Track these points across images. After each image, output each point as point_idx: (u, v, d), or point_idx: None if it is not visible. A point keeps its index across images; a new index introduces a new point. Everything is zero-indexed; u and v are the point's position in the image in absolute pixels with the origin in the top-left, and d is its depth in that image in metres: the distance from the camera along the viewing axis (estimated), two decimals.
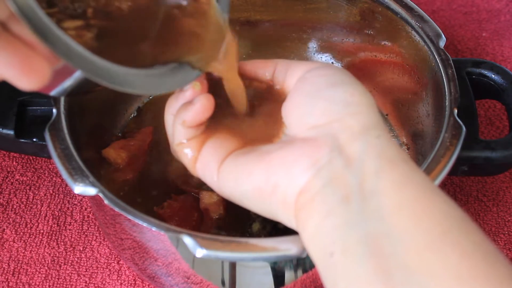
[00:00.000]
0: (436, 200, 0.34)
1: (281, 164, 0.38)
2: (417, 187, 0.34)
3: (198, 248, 0.40)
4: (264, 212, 0.40)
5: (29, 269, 0.55)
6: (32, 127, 0.51)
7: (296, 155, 0.38)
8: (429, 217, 0.33)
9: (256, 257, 0.42)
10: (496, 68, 0.54)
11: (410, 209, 0.33)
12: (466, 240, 0.32)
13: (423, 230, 0.32)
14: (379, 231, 0.32)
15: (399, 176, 0.34)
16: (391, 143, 0.37)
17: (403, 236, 0.32)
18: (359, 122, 0.37)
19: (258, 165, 0.39)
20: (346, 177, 0.35)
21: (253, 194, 0.39)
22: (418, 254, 0.31)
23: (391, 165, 0.35)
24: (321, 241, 0.35)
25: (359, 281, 0.32)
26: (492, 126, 0.65)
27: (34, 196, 0.59)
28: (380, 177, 0.34)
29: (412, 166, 0.36)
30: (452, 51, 0.72)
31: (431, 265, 0.31)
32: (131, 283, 0.54)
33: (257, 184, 0.39)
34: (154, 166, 0.56)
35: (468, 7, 0.77)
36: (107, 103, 0.58)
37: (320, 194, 0.35)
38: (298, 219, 0.37)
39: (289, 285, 0.46)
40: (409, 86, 0.58)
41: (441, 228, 0.32)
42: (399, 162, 0.35)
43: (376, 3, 0.58)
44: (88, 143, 0.52)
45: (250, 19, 0.63)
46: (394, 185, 0.34)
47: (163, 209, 0.51)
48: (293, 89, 0.42)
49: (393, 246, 0.32)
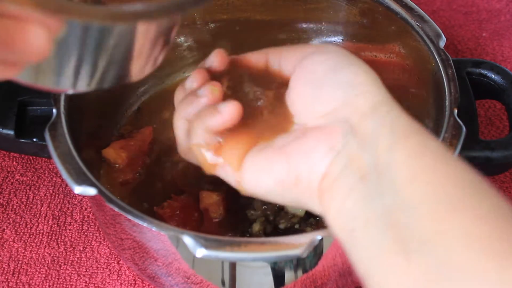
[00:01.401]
0: (450, 167, 0.34)
1: (299, 155, 0.39)
2: (431, 156, 0.34)
3: (198, 248, 0.40)
4: (289, 202, 0.41)
5: (29, 269, 0.55)
6: (32, 127, 0.51)
7: (312, 144, 0.38)
8: (442, 184, 0.33)
9: (256, 257, 0.42)
10: (496, 68, 0.54)
11: (424, 178, 0.33)
12: (481, 204, 0.32)
13: (436, 198, 0.32)
14: (395, 203, 0.33)
15: (412, 147, 0.35)
16: (402, 116, 0.37)
17: (417, 205, 0.33)
18: (367, 101, 0.38)
19: (277, 161, 0.40)
20: (362, 157, 0.36)
21: (277, 188, 0.40)
22: (431, 222, 0.32)
23: (404, 137, 0.35)
24: (343, 219, 0.36)
25: (380, 253, 0.33)
26: (492, 126, 0.65)
27: (34, 196, 0.59)
28: (393, 151, 0.35)
29: (425, 136, 0.36)
30: (452, 51, 0.72)
31: (444, 231, 0.31)
32: (131, 283, 0.54)
33: (280, 178, 0.39)
34: (154, 166, 0.56)
35: (468, 7, 0.77)
36: (107, 103, 0.58)
37: (340, 177, 0.36)
38: (322, 203, 0.38)
39: (289, 285, 0.46)
40: (409, 86, 0.58)
41: (455, 195, 0.32)
42: (412, 134, 0.36)
43: (376, 3, 0.58)
44: (88, 143, 0.52)
45: (250, 19, 0.63)
46: (407, 157, 0.34)
47: (163, 209, 0.51)
48: (294, 79, 0.42)
49: (408, 216, 0.32)
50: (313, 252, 0.43)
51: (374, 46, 0.61)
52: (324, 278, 0.47)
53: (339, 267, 0.47)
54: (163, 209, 0.51)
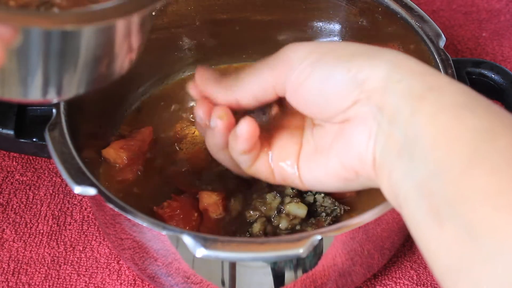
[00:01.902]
0: (465, 118, 0.34)
1: (346, 153, 0.41)
2: (447, 113, 0.35)
3: (198, 248, 0.40)
4: (357, 189, 0.44)
5: (29, 269, 0.55)
6: (32, 127, 0.51)
7: (352, 139, 0.40)
8: (460, 140, 0.34)
9: (256, 257, 0.42)
10: (496, 68, 0.54)
11: (443, 139, 0.34)
12: (496, 154, 0.32)
13: (455, 157, 0.33)
14: (426, 173, 0.34)
15: (429, 110, 0.35)
16: (412, 77, 0.37)
17: (442, 170, 0.33)
18: (376, 80, 0.38)
19: (330, 163, 0.42)
20: (394, 134, 0.37)
21: (341, 184, 0.42)
22: (453, 184, 0.33)
23: (420, 101, 0.36)
24: (392, 197, 0.38)
25: (419, 226, 0.34)
26: None
27: (34, 196, 0.59)
28: (415, 119, 0.36)
29: (438, 90, 0.36)
30: (452, 51, 0.72)
31: (463, 191, 0.32)
32: (131, 283, 0.54)
33: (341, 176, 0.42)
34: (154, 166, 0.56)
35: (468, 7, 0.77)
36: (107, 103, 0.58)
37: (383, 158, 0.38)
38: (377, 182, 0.39)
39: (289, 285, 0.46)
40: None
41: (470, 149, 0.33)
42: (425, 94, 0.36)
43: (376, 3, 0.58)
44: (88, 143, 0.52)
45: (250, 19, 0.63)
46: (427, 121, 0.35)
47: (163, 209, 0.51)
48: (295, 102, 0.42)
49: (436, 183, 0.33)
50: (313, 252, 0.43)
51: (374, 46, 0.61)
52: (324, 278, 0.47)
53: (339, 267, 0.47)
54: (163, 209, 0.51)
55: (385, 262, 0.53)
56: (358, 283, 0.52)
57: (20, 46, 0.32)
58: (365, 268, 0.50)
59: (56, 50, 0.33)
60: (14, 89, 0.34)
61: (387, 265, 0.55)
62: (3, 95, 0.35)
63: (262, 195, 0.51)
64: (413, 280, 0.54)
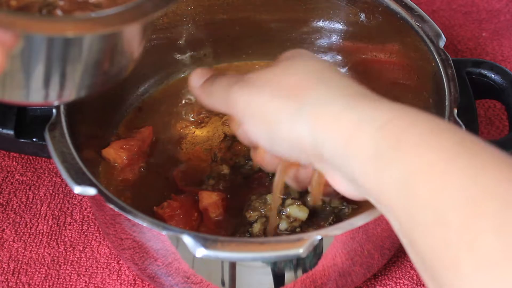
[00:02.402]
0: (436, 135, 0.35)
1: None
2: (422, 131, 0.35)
3: (198, 248, 0.40)
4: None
5: (29, 269, 0.55)
6: (32, 127, 0.51)
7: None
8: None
9: (256, 257, 0.42)
10: (496, 68, 0.54)
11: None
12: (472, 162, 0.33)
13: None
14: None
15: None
16: (362, 106, 0.38)
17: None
18: (319, 148, 0.38)
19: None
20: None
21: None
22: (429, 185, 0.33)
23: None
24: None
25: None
26: (492, 126, 0.65)
27: (34, 196, 0.59)
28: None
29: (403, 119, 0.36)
30: (452, 51, 0.72)
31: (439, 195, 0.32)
32: (131, 283, 0.54)
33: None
34: (154, 166, 0.56)
35: (468, 7, 0.77)
36: (107, 103, 0.58)
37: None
38: None
39: (289, 285, 0.46)
40: (409, 86, 0.58)
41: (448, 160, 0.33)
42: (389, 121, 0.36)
43: (376, 3, 0.58)
44: (88, 143, 0.52)
45: (250, 19, 0.63)
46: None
47: (163, 209, 0.51)
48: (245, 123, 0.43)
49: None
50: (313, 252, 0.43)
51: (374, 46, 0.61)
52: (324, 278, 0.47)
53: (339, 267, 0.47)
54: (163, 209, 0.51)
55: (385, 262, 0.53)
56: (358, 283, 0.51)
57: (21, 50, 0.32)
58: (365, 268, 0.50)
59: (57, 55, 0.33)
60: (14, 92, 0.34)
61: (387, 265, 0.55)
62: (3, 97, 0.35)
63: (262, 196, 0.51)
64: (413, 280, 0.54)
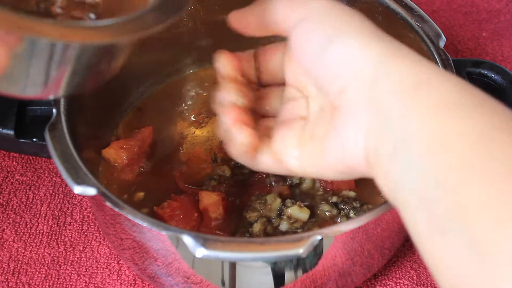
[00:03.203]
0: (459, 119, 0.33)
1: (340, 146, 0.39)
2: (439, 112, 0.34)
3: (198, 248, 0.40)
4: (355, 178, 0.43)
5: (29, 269, 0.55)
6: (32, 127, 0.51)
7: (344, 131, 0.38)
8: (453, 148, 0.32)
9: (256, 257, 0.42)
10: (496, 68, 0.54)
11: (436, 147, 0.33)
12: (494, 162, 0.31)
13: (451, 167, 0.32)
14: (423, 182, 0.33)
15: (420, 107, 0.34)
16: (401, 69, 0.36)
17: (437, 180, 0.32)
18: (368, 69, 0.37)
19: (324, 155, 0.41)
20: (386, 130, 0.36)
21: (337, 175, 0.41)
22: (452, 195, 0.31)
23: (410, 97, 0.35)
24: (392, 200, 0.36)
25: (421, 234, 0.33)
26: None
27: (34, 196, 0.59)
28: (405, 122, 0.34)
29: (427, 87, 0.35)
30: (452, 51, 0.72)
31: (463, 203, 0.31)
32: (131, 283, 0.54)
33: (338, 170, 0.40)
34: (154, 166, 0.56)
35: (468, 7, 0.77)
36: (107, 103, 0.58)
37: (376, 156, 0.36)
38: (374, 178, 0.38)
39: (289, 285, 0.46)
40: None
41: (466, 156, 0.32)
42: (417, 87, 0.35)
43: (376, 3, 0.58)
44: (88, 143, 0.52)
45: None
46: (418, 125, 0.34)
47: (163, 209, 0.51)
48: (293, 49, 0.43)
49: (434, 193, 0.32)
50: (313, 252, 0.43)
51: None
52: (324, 278, 0.47)
53: (339, 267, 0.47)
54: (163, 209, 0.51)
55: (385, 262, 0.53)
56: (358, 283, 0.52)
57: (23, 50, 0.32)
58: (365, 268, 0.50)
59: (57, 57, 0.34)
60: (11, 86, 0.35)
61: (387, 265, 0.55)
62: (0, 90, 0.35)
63: (262, 197, 0.51)
64: (413, 280, 0.54)
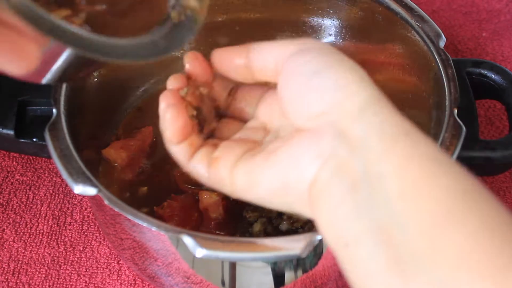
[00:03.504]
0: (439, 175, 0.33)
1: (287, 162, 0.38)
2: (419, 165, 0.33)
3: (198, 248, 0.40)
4: (280, 208, 0.40)
5: (29, 269, 0.55)
6: (32, 127, 0.51)
7: (300, 150, 0.37)
8: (433, 197, 0.32)
9: (256, 257, 0.42)
10: (496, 68, 0.53)
11: (413, 192, 0.32)
12: (475, 216, 0.31)
13: (427, 213, 0.31)
14: (387, 219, 0.32)
15: (401, 155, 0.33)
16: (390, 117, 0.36)
17: (409, 222, 0.31)
18: (355, 103, 0.36)
19: (267, 168, 0.39)
20: (352, 163, 0.34)
21: (268, 196, 0.39)
22: (424, 239, 0.31)
23: (393, 142, 0.34)
24: (335, 231, 0.35)
25: (374, 273, 0.32)
26: (492, 126, 0.65)
27: (34, 196, 0.59)
28: (383, 159, 0.34)
29: (414, 138, 0.35)
30: (452, 51, 0.72)
31: (437, 249, 0.30)
32: (131, 283, 0.54)
33: (270, 187, 0.39)
34: (154, 166, 0.56)
35: (468, 7, 0.77)
36: (107, 103, 0.58)
37: (329, 185, 0.35)
38: (313, 211, 0.36)
39: (289, 285, 0.46)
40: (409, 86, 0.58)
41: (446, 207, 0.31)
42: (401, 137, 0.34)
43: (376, 3, 0.58)
44: (88, 143, 0.52)
45: (250, 19, 0.63)
46: (397, 168, 0.33)
47: (163, 209, 0.51)
48: (281, 81, 0.40)
49: (401, 233, 0.31)
50: (313, 252, 0.43)
51: (374, 46, 0.61)
52: (324, 278, 0.47)
53: (339, 267, 0.47)
54: (163, 209, 0.51)
55: None
56: None
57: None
58: None
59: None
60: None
61: None
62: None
63: None
64: None
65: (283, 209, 0.40)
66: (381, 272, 0.31)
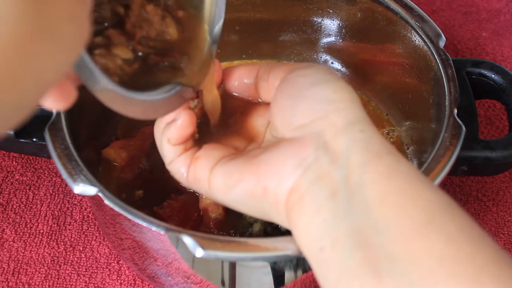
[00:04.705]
0: (421, 189, 0.34)
1: (269, 166, 0.38)
2: (402, 177, 0.34)
3: (198, 248, 0.40)
4: (257, 214, 0.41)
5: (29, 269, 0.55)
6: (32, 127, 0.51)
7: (282, 156, 0.38)
8: (413, 206, 0.33)
9: (256, 257, 0.42)
10: (496, 68, 0.54)
11: (395, 199, 0.33)
12: (451, 225, 0.32)
13: (408, 219, 0.32)
14: (366, 223, 0.33)
15: (384, 168, 0.35)
16: (376, 136, 0.37)
17: (389, 226, 0.32)
18: (343, 118, 0.37)
19: (247, 170, 0.39)
20: (332, 174, 0.35)
21: (245, 199, 0.40)
22: (403, 242, 0.32)
23: (376, 157, 0.35)
24: (311, 237, 0.35)
25: (348, 273, 0.33)
26: (492, 126, 0.65)
27: (34, 196, 0.59)
28: (365, 170, 0.35)
29: (397, 157, 0.36)
30: (452, 51, 0.72)
31: (415, 252, 0.31)
32: (131, 283, 0.54)
33: (248, 189, 0.39)
34: (154, 166, 0.56)
35: (468, 7, 0.77)
36: None
37: (308, 193, 0.36)
38: (290, 218, 0.37)
39: (289, 285, 0.46)
40: (409, 86, 0.58)
41: (426, 216, 0.33)
42: (384, 155, 0.36)
43: (376, 3, 0.58)
44: (88, 143, 0.52)
45: (250, 19, 0.63)
46: (379, 177, 0.34)
47: (163, 209, 0.51)
48: (276, 91, 0.42)
49: (379, 237, 0.32)
50: None
51: (374, 46, 0.61)
52: None
53: None
54: (163, 209, 0.51)
55: None
56: None
57: None
58: None
59: None
60: None
61: None
62: None
63: None
64: None
65: (257, 215, 0.41)
66: (355, 273, 0.32)
